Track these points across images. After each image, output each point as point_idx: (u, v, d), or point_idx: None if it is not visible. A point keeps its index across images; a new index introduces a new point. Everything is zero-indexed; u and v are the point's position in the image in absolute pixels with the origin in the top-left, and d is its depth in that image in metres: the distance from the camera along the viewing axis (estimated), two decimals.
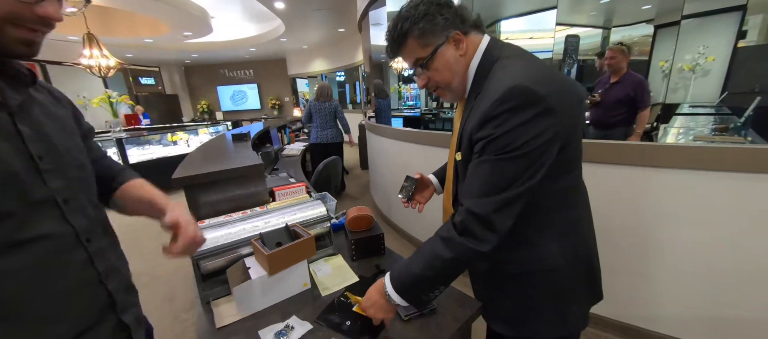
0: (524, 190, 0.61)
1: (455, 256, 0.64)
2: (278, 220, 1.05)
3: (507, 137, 0.59)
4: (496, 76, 0.65)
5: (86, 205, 0.59)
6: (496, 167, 0.61)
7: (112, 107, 5.66)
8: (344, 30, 6.78)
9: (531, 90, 0.58)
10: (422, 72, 0.73)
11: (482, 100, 0.64)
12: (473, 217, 0.62)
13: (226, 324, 0.83)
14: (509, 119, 0.59)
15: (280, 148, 3.48)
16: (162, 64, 9.69)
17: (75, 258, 0.55)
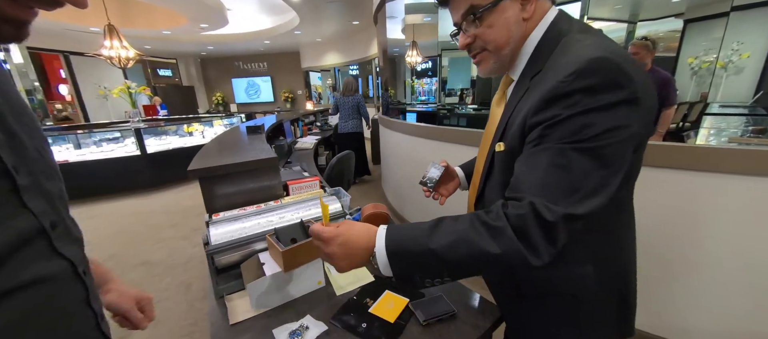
0: (604, 201, 0.47)
1: (499, 253, 0.47)
2: (293, 216, 1.03)
3: (581, 119, 0.46)
4: (568, 51, 0.52)
5: (71, 226, 0.46)
6: (567, 159, 0.47)
7: (132, 98, 5.80)
8: (359, 23, 6.72)
9: (620, 67, 0.46)
10: (470, 26, 0.59)
11: (545, 78, 0.52)
12: (538, 221, 0.47)
13: (239, 320, 0.81)
14: (586, 99, 0.46)
15: (293, 141, 3.48)
16: (179, 56, 9.87)
17: (74, 299, 0.43)
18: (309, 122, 4.82)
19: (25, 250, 0.36)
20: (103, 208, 3.73)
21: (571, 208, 0.47)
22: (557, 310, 0.64)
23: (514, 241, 0.47)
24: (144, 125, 4.71)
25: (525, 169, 0.52)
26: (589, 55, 0.47)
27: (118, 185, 4.22)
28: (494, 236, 0.48)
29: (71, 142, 4.40)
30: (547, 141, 0.49)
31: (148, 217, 3.42)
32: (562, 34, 0.56)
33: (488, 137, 0.68)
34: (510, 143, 0.58)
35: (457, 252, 0.49)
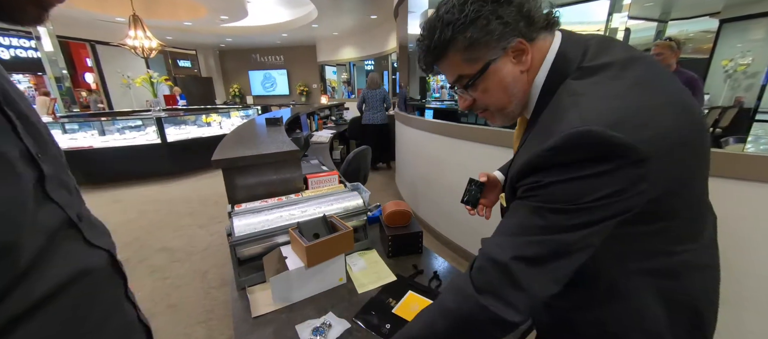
0: (578, 246, 0.44)
1: (468, 319, 0.46)
2: (315, 210, 1.02)
3: (559, 189, 0.43)
4: (559, 105, 0.45)
5: (93, 218, 0.44)
6: (546, 217, 0.44)
7: (153, 87, 5.95)
8: (377, 17, 6.66)
9: (607, 138, 0.39)
10: (466, 92, 0.55)
11: (535, 136, 0.47)
12: (494, 265, 0.45)
13: (261, 313, 0.81)
14: (567, 171, 0.42)
15: (310, 135, 3.49)
16: (199, 48, 10.07)
17: (116, 290, 0.42)
18: (324, 116, 4.83)
19: (57, 245, 0.33)
20: (126, 194, 3.85)
21: (518, 250, 0.44)
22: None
23: (476, 300, 0.45)
24: (165, 114, 4.82)
25: (503, 221, 0.50)
26: (571, 126, 0.41)
27: (140, 172, 4.34)
28: (455, 296, 0.48)
29: (96, 129, 4.55)
30: (528, 199, 0.46)
31: (167, 205, 3.51)
32: (563, 76, 0.48)
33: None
34: (508, 193, 0.55)
35: (432, 327, 0.50)
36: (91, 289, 0.37)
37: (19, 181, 0.30)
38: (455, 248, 2.41)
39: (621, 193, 0.41)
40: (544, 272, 0.44)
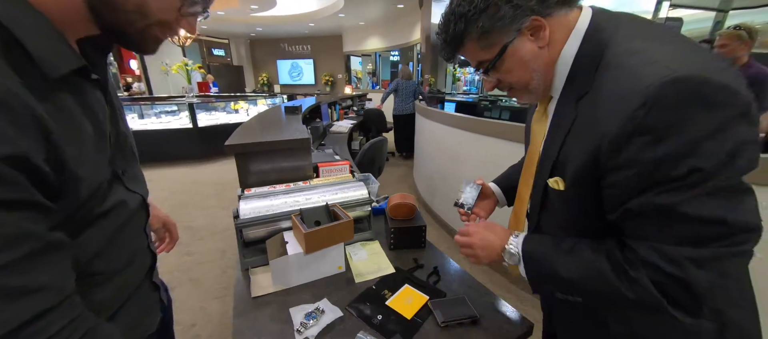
0: (750, 238, 0.40)
1: (635, 298, 0.45)
2: (319, 198, 1.03)
3: (683, 157, 0.38)
4: (623, 65, 0.43)
5: (138, 173, 0.61)
6: (687, 211, 0.39)
7: (188, 74, 6.27)
8: (403, 6, 6.55)
9: (709, 81, 0.36)
10: (488, 75, 0.57)
11: (601, 105, 0.44)
12: (670, 278, 0.42)
13: (260, 294, 0.83)
14: (677, 130, 0.37)
15: (329, 124, 3.54)
16: (231, 37, 10.44)
17: (139, 222, 0.58)
18: (346, 106, 4.86)
19: (109, 187, 0.49)
20: (160, 174, 4.13)
21: (704, 260, 0.40)
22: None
23: (652, 293, 0.43)
24: (197, 100, 5.08)
25: (635, 217, 0.44)
26: (657, 75, 0.38)
27: (172, 154, 4.63)
28: (630, 285, 0.45)
29: (136, 112, 4.89)
30: (646, 189, 0.41)
31: (195, 186, 3.72)
32: (604, 42, 0.47)
33: (532, 161, 0.62)
34: (570, 182, 0.51)
35: (588, 284, 0.50)
36: (127, 215, 0.53)
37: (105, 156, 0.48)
38: None
39: (746, 149, 0.38)
40: (720, 275, 0.42)
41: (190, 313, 1.75)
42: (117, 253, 0.52)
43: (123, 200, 0.51)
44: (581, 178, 0.49)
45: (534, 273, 0.56)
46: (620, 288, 0.46)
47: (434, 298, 0.80)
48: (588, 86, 0.47)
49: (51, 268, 0.36)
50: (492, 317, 0.76)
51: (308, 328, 0.71)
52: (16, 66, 0.34)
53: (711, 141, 0.37)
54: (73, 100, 0.41)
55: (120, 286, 0.53)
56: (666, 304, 0.43)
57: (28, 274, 0.34)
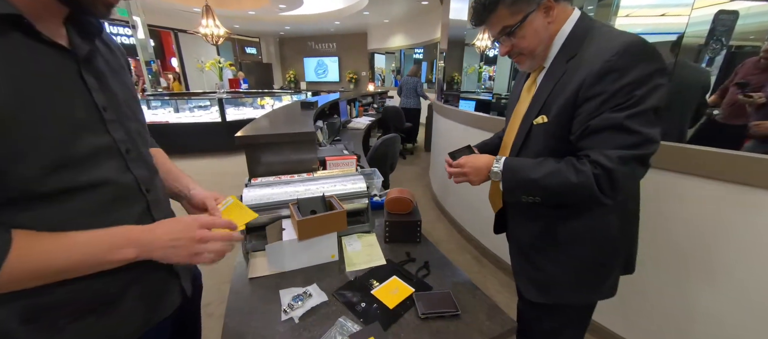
0: (653, 150, 0.62)
1: (576, 182, 0.65)
2: (318, 189, 1.07)
3: (632, 87, 0.60)
4: (603, 37, 0.66)
5: (146, 156, 0.62)
6: (626, 123, 0.61)
7: (220, 71, 6.63)
8: (427, 3, 6.48)
9: (651, 46, 0.61)
10: (507, 39, 0.74)
11: (588, 58, 0.66)
12: (604, 170, 0.63)
13: (256, 276, 0.89)
14: (632, 70, 0.60)
15: (347, 121, 3.60)
16: (262, 35, 10.88)
17: (135, 206, 0.58)
18: (366, 103, 4.91)
19: (99, 161, 0.51)
20: (191, 164, 4.42)
21: (631, 154, 0.62)
22: (586, 253, 0.77)
23: (589, 178, 0.64)
24: (226, 96, 5.36)
25: (594, 135, 0.65)
26: (626, 40, 0.62)
27: (203, 146, 4.93)
28: (577, 172, 0.65)
29: (172, 107, 5.25)
30: (607, 110, 0.62)
31: (220, 176, 3.95)
32: (588, 28, 0.70)
33: (518, 115, 0.82)
34: (554, 115, 0.71)
35: (548, 179, 0.69)
36: (119, 193, 0.54)
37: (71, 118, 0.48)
38: (476, 245, 2.32)
39: (661, 91, 0.62)
40: (635, 173, 0.65)
41: (206, 294, 1.86)
42: (120, 220, 0.53)
43: (110, 179, 0.52)
44: (563, 110, 0.69)
45: (509, 181, 0.75)
46: (569, 177, 0.66)
47: (419, 291, 0.81)
48: (576, 51, 0.69)
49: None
50: (475, 313, 0.76)
51: (294, 309, 0.75)
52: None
53: (648, 79, 0.61)
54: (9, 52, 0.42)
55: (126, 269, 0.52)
56: (595, 187, 0.64)
57: None
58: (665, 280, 1.30)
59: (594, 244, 0.77)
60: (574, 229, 0.77)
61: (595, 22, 0.70)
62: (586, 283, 0.80)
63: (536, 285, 0.85)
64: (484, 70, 8.01)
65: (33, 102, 0.44)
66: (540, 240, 0.82)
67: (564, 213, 0.77)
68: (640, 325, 1.42)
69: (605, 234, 0.76)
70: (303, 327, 0.71)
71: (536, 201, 0.73)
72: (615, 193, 0.64)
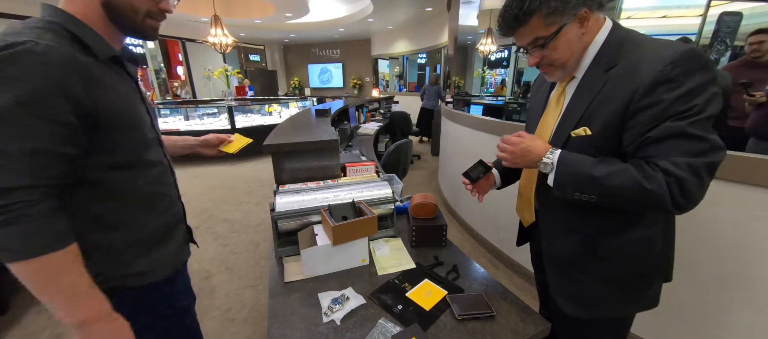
0: (721, 158, 0.59)
1: (650, 189, 0.60)
2: (346, 195, 1.10)
3: (691, 96, 0.58)
4: (643, 47, 0.64)
5: (166, 151, 0.84)
6: (690, 130, 0.58)
7: (227, 79, 6.72)
8: (432, 9, 6.56)
9: (705, 55, 0.59)
10: (538, 51, 0.70)
11: (632, 71, 0.63)
12: (675, 179, 0.59)
13: (292, 280, 0.92)
14: (687, 81, 0.58)
15: (356, 126, 3.64)
16: (266, 43, 11.01)
17: (170, 179, 0.80)
18: (373, 109, 4.97)
19: (154, 146, 0.74)
20: (202, 171, 4.48)
21: (703, 163, 0.58)
22: (631, 266, 0.74)
23: (662, 185, 0.59)
24: (235, 103, 5.44)
25: (651, 143, 0.61)
26: (678, 48, 0.59)
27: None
28: (647, 177, 0.60)
29: (182, 114, 5.33)
30: (667, 120, 0.59)
31: (232, 183, 3.99)
32: (622, 37, 0.67)
33: (547, 127, 0.79)
34: (600, 127, 0.67)
35: (612, 179, 0.63)
36: (164, 170, 0.77)
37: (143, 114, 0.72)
38: (490, 248, 2.34)
39: (717, 101, 0.59)
40: (706, 183, 0.60)
41: (226, 299, 1.90)
42: (163, 188, 0.76)
43: (160, 160, 0.76)
44: (610, 122, 0.65)
45: (563, 175, 0.68)
46: (640, 181, 0.60)
47: (452, 293, 0.84)
48: (614, 61, 0.66)
49: (42, 164, 0.52)
50: (508, 315, 0.78)
51: (334, 311, 0.78)
52: (81, 51, 0.57)
53: (705, 88, 0.58)
54: (113, 75, 0.64)
55: (169, 217, 0.77)
56: (668, 195, 0.59)
57: (25, 160, 0.51)
58: (700, 286, 1.29)
59: (638, 257, 0.73)
60: (617, 243, 0.72)
61: (629, 32, 0.68)
62: (627, 296, 0.76)
63: (573, 300, 0.80)
64: (488, 74, 8.07)
65: (134, 106, 0.68)
66: (581, 256, 0.77)
67: (605, 225, 0.73)
68: (674, 334, 1.40)
69: (651, 247, 0.72)
70: (345, 329, 0.74)
71: (591, 199, 0.66)
72: (687, 203, 0.60)
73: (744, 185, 1.13)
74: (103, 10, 0.61)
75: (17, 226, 0.50)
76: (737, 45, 3.64)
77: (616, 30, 0.69)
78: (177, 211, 0.82)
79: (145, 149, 0.69)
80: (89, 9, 0.60)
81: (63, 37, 0.56)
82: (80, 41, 0.58)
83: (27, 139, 0.50)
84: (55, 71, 0.52)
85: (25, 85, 0.49)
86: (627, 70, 0.63)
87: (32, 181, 0.51)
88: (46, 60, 0.51)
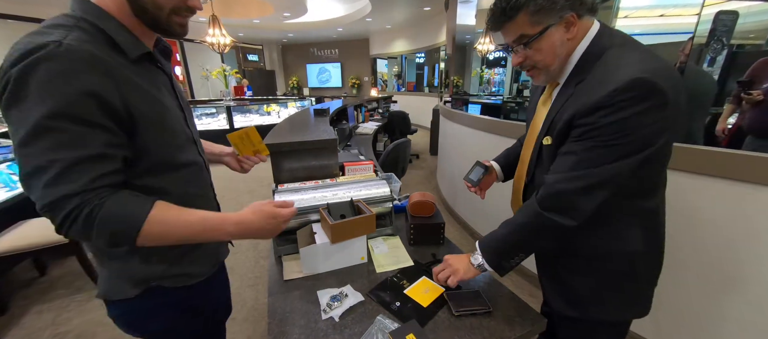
0: (614, 177, 0.62)
1: (536, 227, 0.68)
2: (345, 194, 1.11)
3: (616, 127, 0.59)
4: (609, 65, 0.63)
5: (201, 148, 0.83)
6: (594, 152, 0.62)
7: (226, 79, 6.72)
8: (430, 9, 6.57)
9: (653, 83, 0.56)
10: (522, 49, 0.70)
11: (590, 87, 0.63)
12: (556, 194, 0.65)
13: (291, 278, 0.93)
14: (624, 109, 0.58)
15: (355, 126, 3.65)
16: (265, 43, 11.01)
17: (207, 177, 0.81)
18: (371, 108, 4.97)
19: (190, 146, 0.73)
20: None
21: (588, 178, 0.62)
22: (613, 268, 0.75)
23: (544, 216, 0.66)
24: (233, 104, 5.44)
25: (561, 159, 0.67)
26: (630, 74, 0.57)
27: None
28: (529, 216, 0.68)
29: None
30: (585, 139, 0.63)
31: (231, 182, 4.00)
32: (605, 47, 0.65)
33: (534, 131, 0.81)
34: (556, 137, 0.70)
35: (515, 233, 0.72)
36: (199, 170, 0.76)
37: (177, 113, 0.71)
38: None
39: (654, 126, 0.59)
40: (594, 197, 0.64)
41: None
42: (198, 189, 0.76)
43: (195, 160, 0.74)
44: (562, 133, 0.68)
45: (490, 257, 0.77)
46: (526, 221, 0.71)
47: (450, 290, 0.85)
48: (585, 74, 0.66)
49: (94, 169, 0.52)
50: (505, 310, 0.79)
51: (333, 308, 0.79)
52: (109, 49, 0.55)
53: (639, 119, 0.58)
54: (144, 74, 0.62)
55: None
56: (539, 208, 0.68)
57: (70, 172, 0.50)
58: (698, 284, 1.31)
59: (616, 258, 0.74)
60: (595, 245, 0.74)
61: (614, 39, 0.66)
62: (613, 298, 0.76)
63: (564, 298, 0.82)
64: (486, 73, 8.08)
65: (166, 106, 0.65)
66: (563, 256, 0.80)
67: (582, 229, 0.71)
68: (674, 333, 1.42)
69: (629, 248, 0.72)
70: (344, 325, 0.75)
71: (522, 258, 0.75)
72: (573, 213, 0.65)
73: (742, 183, 1.15)
74: (129, 6, 0.58)
75: (95, 222, 0.52)
76: (733, 44, 3.66)
77: (599, 39, 0.66)
78: (213, 210, 0.80)
79: (177, 150, 0.67)
80: (117, 3, 0.58)
81: (91, 34, 0.54)
82: (109, 38, 0.56)
83: (73, 148, 0.50)
84: (81, 74, 0.49)
85: (51, 93, 0.48)
86: (588, 86, 0.64)
87: (85, 185, 0.51)
88: (69, 64, 0.48)
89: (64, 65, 0.48)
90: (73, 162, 0.50)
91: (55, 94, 0.48)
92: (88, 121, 0.50)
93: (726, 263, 1.22)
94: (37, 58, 0.47)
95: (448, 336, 0.72)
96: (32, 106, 0.47)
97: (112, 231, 0.54)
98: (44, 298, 1.92)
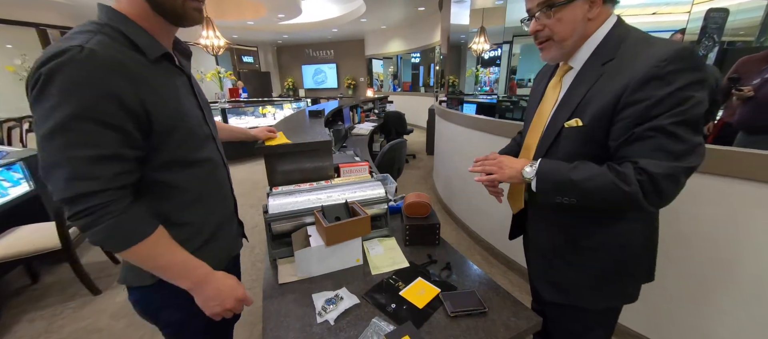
0: (699, 162, 0.61)
1: (628, 191, 0.62)
2: (340, 196, 1.10)
3: (678, 96, 0.59)
4: (645, 43, 0.65)
5: (219, 143, 0.86)
6: (673, 133, 0.60)
7: (220, 81, 6.67)
8: (424, 9, 6.58)
9: (698, 55, 0.60)
10: (542, 15, 0.71)
11: (627, 65, 0.64)
12: (650, 178, 0.61)
13: (286, 281, 0.92)
14: (677, 79, 0.59)
15: (350, 127, 3.64)
16: (259, 44, 10.95)
17: (223, 174, 0.84)
18: (367, 109, 4.97)
19: (207, 143, 0.76)
20: None
21: (678, 166, 0.60)
22: (609, 259, 0.77)
23: (635, 185, 0.62)
24: (229, 106, 5.40)
25: (640, 146, 0.63)
26: (673, 47, 0.60)
27: None
28: (623, 179, 0.63)
29: None
30: (654, 119, 0.61)
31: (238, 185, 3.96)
32: (623, 36, 0.68)
33: (543, 116, 0.81)
34: (591, 119, 0.68)
35: (589, 183, 0.66)
36: (215, 166, 0.78)
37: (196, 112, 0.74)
38: (486, 246, 2.36)
39: (704, 103, 0.60)
40: (680, 185, 0.62)
41: None
42: (213, 189, 0.78)
43: (212, 157, 0.77)
44: (601, 114, 0.67)
45: (544, 182, 0.72)
46: (617, 183, 0.63)
47: (445, 291, 0.85)
48: (612, 55, 0.68)
49: (108, 168, 0.56)
50: (500, 311, 0.79)
51: (328, 312, 0.78)
52: (130, 51, 0.59)
53: (692, 89, 0.59)
54: (163, 74, 0.65)
55: (220, 212, 0.82)
56: (641, 195, 0.62)
57: (93, 166, 0.55)
58: (689, 278, 1.32)
59: (617, 251, 0.76)
60: (599, 236, 0.76)
61: (631, 30, 0.69)
62: (606, 288, 0.79)
63: (555, 287, 0.85)
64: (482, 72, 8.11)
65: (185, 105, 0.69)
66: (563, 245, 0.81)
67: (588, 219, 0.76)
68: (663, 326, 1.43)
69: (630, 241, 0.75)
70: (339, 328, 0.75)
71: (572, 202, 0.70)
72: (660, 201, 0.63)
73: (732, 179, 1.16)
74: (148, 4, 0.61)
75: (102, 225, 0.56)
76: (724, 41, 3.71)
77: (618, 27, 0.70)
78: (229, 206, 0.87)
79: (195, 148, 0.71)
80: (135, 5, 0.61)
81: (113, 38, 0.57)
82: (130, 41, 0.59)
83: (88, 147, 0.54)
84: (100, 76, 0.53)
85: (73, 95, 0.51)
86: (622, 65, 0.65)
87: (102, 185, 0.55)
88: (89, 67, 0.52)
89: (84, 69, 0.52)
90: (90, 160, 0.54)
91: (76, 97, 0.52)
92: (105, 122, 0.54)
93: (712, 259, 1.23)
94: (60, 63, 0.51)
95: (443, 337, 0.72)
96: (56, 105, 0.51)
97: (110, 238, 0.59)
98: (37, 306, 1.89)
